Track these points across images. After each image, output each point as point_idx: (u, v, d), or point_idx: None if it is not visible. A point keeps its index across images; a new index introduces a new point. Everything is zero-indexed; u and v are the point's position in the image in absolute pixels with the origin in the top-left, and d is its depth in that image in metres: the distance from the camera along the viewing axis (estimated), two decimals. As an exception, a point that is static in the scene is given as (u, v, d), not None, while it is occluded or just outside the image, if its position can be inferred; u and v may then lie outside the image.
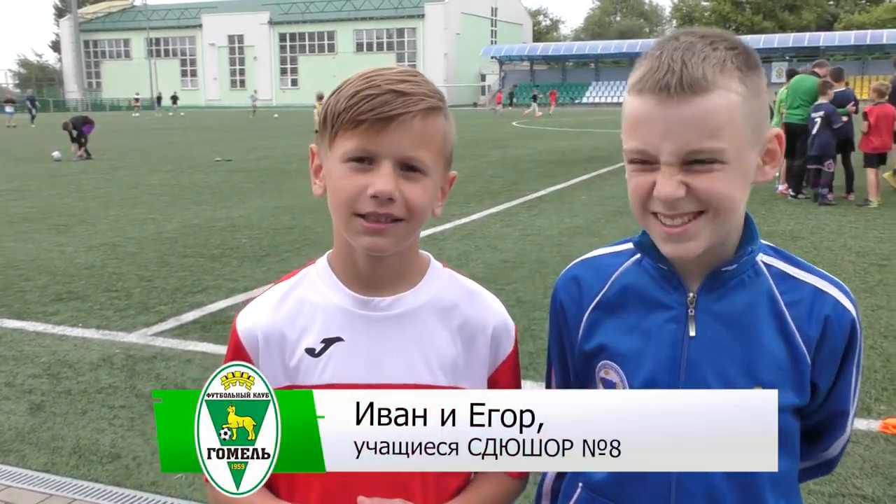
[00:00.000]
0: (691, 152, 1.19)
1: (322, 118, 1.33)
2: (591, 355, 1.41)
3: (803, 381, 1.32)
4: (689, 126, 1.18)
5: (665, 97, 1.19)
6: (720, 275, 1.31)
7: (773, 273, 1.34)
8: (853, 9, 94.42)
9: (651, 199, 1.24)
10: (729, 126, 1.19)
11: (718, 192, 1.21)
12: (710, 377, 1.30)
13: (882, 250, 8.52)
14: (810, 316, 1.31)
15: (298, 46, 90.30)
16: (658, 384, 1.32)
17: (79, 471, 3.85)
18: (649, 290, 1.37)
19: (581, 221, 10.63)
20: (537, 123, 39.13)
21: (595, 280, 1.43)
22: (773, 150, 1.30)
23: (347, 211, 1.29)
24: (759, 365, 1.30)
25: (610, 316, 1.40)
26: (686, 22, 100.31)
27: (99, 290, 7.21)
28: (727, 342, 1.31)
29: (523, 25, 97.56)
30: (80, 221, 11.09)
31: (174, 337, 5.88)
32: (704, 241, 1.25)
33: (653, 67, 1.21)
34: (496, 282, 7.20)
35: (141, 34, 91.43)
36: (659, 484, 1.32)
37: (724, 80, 1.20)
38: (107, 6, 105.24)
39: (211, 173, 17.35)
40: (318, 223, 10.46)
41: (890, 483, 3.62)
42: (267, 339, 1.37)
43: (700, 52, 1.20)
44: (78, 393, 4.81)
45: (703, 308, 1.32)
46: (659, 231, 1.26)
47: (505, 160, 19.50)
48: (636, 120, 1.23)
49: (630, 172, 1.28)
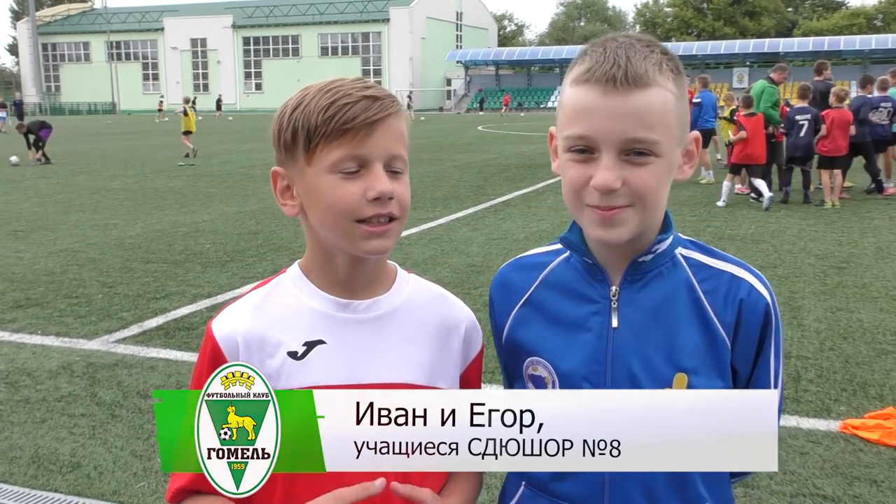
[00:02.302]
0: (630, 140, 1.26)
1: (289, 135, 1.32)
2: (518, 352, 1.46)
3: (724, 366, 1.37)
4: (630, 116, 1.25)
5: (611, 88, 1.26)
6: (638, 266, 1.37)
7: (690, 263, 1.40)
8: (811, 15, 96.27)
9: (586, 190, 1.30)
10: (664, 121, 1.28)
11: (650, 187, 1.28)
12: (635, 365, 1.35)
13: (841, 253, 8.68)
14: (726, 301, 1.37)
15: (263, 50, 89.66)
16: (584, 374, 1.37)
17: (37, 481, 3.77)
18: (575, 285, 1.42)
19: (547, 225, 10.68)
20: (503, 128, 39.28)
21: (523, 280, 1.48)
22: (691, 151, 1.38)
23: (348, 219, 1.30)
24: (681, 352, 1.35)
25: (536, 312, 1.45)
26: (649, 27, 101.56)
27: (59, 297, 7.09)
28: (649, 331, 1.36)
29: (488, 30, 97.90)
30: (40, 227, 10.89)
31: (136, 344, 5.80)
32: (630, 229, 1.31)
33: (599, 61, 1.28)
34: (463, 286, 7.21)
35: (101, 37, 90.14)
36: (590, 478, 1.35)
37: (662, 78, 1.28)
38: (65, 9, 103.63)
39: (174, 178, 17.15)
40: (284, 228, 10.39)
41: (850, 483, 3.68)
42: (247, 345, 1.36)
43: (640, 51, 1.29)
44: (37, 401, 4.72)
45: (625, 300, 1.38)
46: (590, 216, 1.31)
47: (471, 164, 19.55)
48: (579, 109, 1.29)
49: (566, 162, 1.33)
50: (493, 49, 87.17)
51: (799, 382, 4.88)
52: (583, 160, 1.30)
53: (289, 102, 1.35)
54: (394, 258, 1.48)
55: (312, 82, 1.36)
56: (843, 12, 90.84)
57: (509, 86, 79.83)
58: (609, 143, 1.26)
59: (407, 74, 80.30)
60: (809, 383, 4.87)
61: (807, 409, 4.51)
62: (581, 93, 1.29)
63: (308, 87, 1.34)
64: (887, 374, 5.04)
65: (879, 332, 5.85)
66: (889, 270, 7.83)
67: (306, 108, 1.30)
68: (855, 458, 3.94)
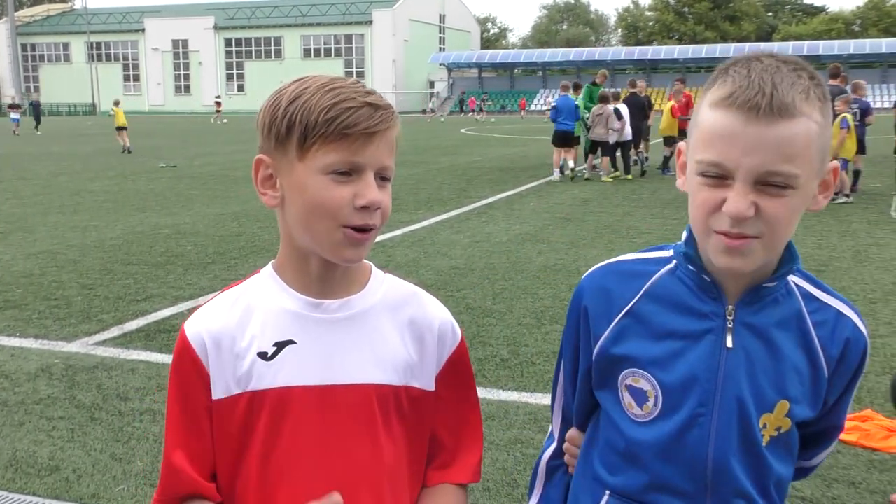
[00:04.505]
0: (768, 173, 1.21)
1: (282, 128, 1.29)
2: (617, 361, 1.42)
3: (820, 397, 1.38)
4: (770, 147, 1.20)
5: (753, 116, 1.20)
6: (760, 290, 1.35)
7: (802, 294, 1.39)
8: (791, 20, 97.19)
9: (716, 215, 1.25)
10: (805, 153, 1.22)
11: (783, 218, 1.24)
12: (744, 388, 1.34)
13: (820, 256, 8.75)
14: (833, 336, 1.37)
15: (245, 52, 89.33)
16: (692, 391, 1.35)
17: (15, 484, 3.73)
18: (685, 298, 1.38)
19: (530, 228, 10.70)
20: (485, 130, 39.35)
21: (626, 290, 1.43)
22: (828, 182, 1.33)
23: (333, 223, 1.28)
24: (787, 380, 1.35)
25: (640, 324, 1.41)
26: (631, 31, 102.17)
27: (38, 299, 7.02)
28: (761, 356, 1.35)
29: (471, 33, 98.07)
30: (18, 228, 10.79)
31: (117, 346, 5.75)
32: (756, 260, 1.28)
33: (742, 86, 1.22)
34: (446, 288, 7.21)
35: (81, 38, 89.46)
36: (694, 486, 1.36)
37: (808, 108, 1.22)
38: (45, 9, 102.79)
39: (155, 179, 17.05)
40: (266, 230, 10.35)
41: (828, 485, 3.71)
42: (218, 344, 1.35)
43: (787, 77, 1.22)
44: (15, 404, 4.67)
45: (740, 321, 1.35)
46: (717, 243, 1.27)
47: (454, 167, 19.56)
48: (717, 133, 1.24)
49: (698, 185, 1.28)
50: (476, 52, 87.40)
51: (779, 384, 4.91)
52: (715, 184, 1.25)
53: (284, 93, 1.31)
54: (376, 260, 1.48)
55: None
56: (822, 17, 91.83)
57: (492, 88, 79.98)
58: (746, 173, 1.22)
59: (390, 76, 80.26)
60: (789, 385, 4.91)
61: (786, 410, 4.54)
62: (720, 117, 1.24)
63: (306, 80, 1.31)
64: (865, 376, 5.03)
65: (858, 335, 5.91)
66: (867, 274, 7.91)
67: (306, 103, 1.27)
68: (833, 459, 3.97)
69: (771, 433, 1.36)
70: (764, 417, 1.35)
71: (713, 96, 1.27)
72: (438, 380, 1.45)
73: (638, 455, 1.39)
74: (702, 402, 1.34)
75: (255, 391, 1.34)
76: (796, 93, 1.21)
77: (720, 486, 1.35)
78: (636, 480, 1.40)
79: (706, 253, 1.32)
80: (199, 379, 1.34)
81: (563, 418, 1.59)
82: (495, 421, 4.39)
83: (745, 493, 1.36)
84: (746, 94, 1.21)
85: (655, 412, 1.37)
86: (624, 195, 14.22)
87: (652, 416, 1.38)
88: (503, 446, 4.08)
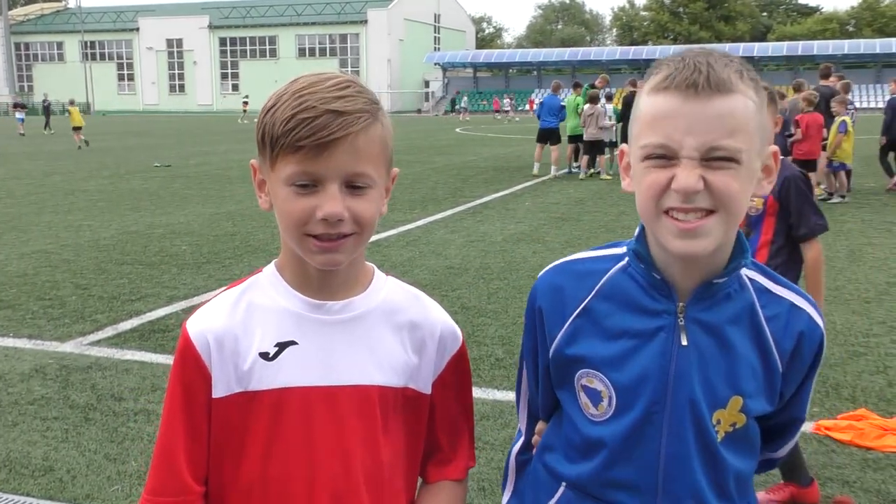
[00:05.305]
0: (712, 148, 1.23)
1: (259, 136, 1.31)
2: (572, 361, 1.43)
3: (775, 391, 1.38)
4: (712, 122, 1.23)
5: (692, 94, 1.23)
6: (711, 287, 1.35)
7: (755, 287, 1.39)
8: (785, 20, 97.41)
9: (667, 194, 1.26)
10: (745, 129, 1.25)
11: (733, 191, 1.25)
12: (696, 385, 1.34)
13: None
14: (786, 330, 1.37)
15: (239, 51, 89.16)
16: (644, 390, 1.36)
17: (9, 485, 3.72)
18: (637, 297, 1.38)
19: (525, 228, 10.71)
20: (480, 130, 39.35)
21: (579, 288, 1.43)
22: (770, 167, 1.35)
23: (298, 232, 1.29)
24: (740, 375, 1.35)
25: (593, 324, 1.41)
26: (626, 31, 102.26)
27: (31, 299, 7.00)
28: (712, 352, 1.35)
29: (466, 32, 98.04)
30: (12, 228, 10.75)
31: (111, 346, 5.74)
32: (714, 240, 1.28)
33: (678, 68, 1.26)
34: (440, 288, 7.21)
35: (75, 37, 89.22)
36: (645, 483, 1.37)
37: (743, 86, 1.26)
38: (39, 8, 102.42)
39: (150, 179, 17.01)
40: (261, 230, 10.34)
41: (822, 483, 3.72)
42: (220, 344, 1.35)
43: (720, 59, 1.27)
44: (8, 405, 4.66)
45: (691, 318, 1.35)
46: (671, 227, 1.27)
47: (449, 167, 19.56)
48: (658, 116, 1.26)
49: (645, 169, 1.29)
50: (472, 51, 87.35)
51: (773, 384, 4.92)
52: (662, 165, 1.26)
53: (269, 100, 1.32)
54: (371, 260, 1.47)
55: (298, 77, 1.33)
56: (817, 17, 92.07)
57: (487, 88, 79.98)
58: (690, 149, 1.24)
59: (385, 76, 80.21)
60: (783, 384, 4.92)
61: (781, 410, 4.55)
62: (660, 100, 1.27)
63: (293, 83, 1.30)
64: (859, 375, 5.10)
65: (852, 335, 5.93)
66: (861, 273, 7.93)
67: (274, 114, 1.28)
68: (828, 458, 3.98)
69: (726, 429, 1.36)
70: (717, 414, 1.35)
71: (651, 84, 1.30)
72: (438, 382, 1.46)
73: (593, 452, 1.40)
74: (654, 400, 1.35)
75: (257, 391, 1.34)
76: (731, 71, 1.26)
77: (672, 484, 1.36)
78: (591, 474, 1.41)
79: (660, 242, 1.32)
80: (201, 379, 1.34)
81: (528, 413, 1.61)
82: (490, 421, 4.39)
83: (698, 493, 1.36)
84: (683, 73, 1.25)
85: (610, 412, 1.38)
86: (619, 195, 14.22)
87: (607, 415, 1.39)
88: (498, 446, 4.08)
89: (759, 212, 3.56)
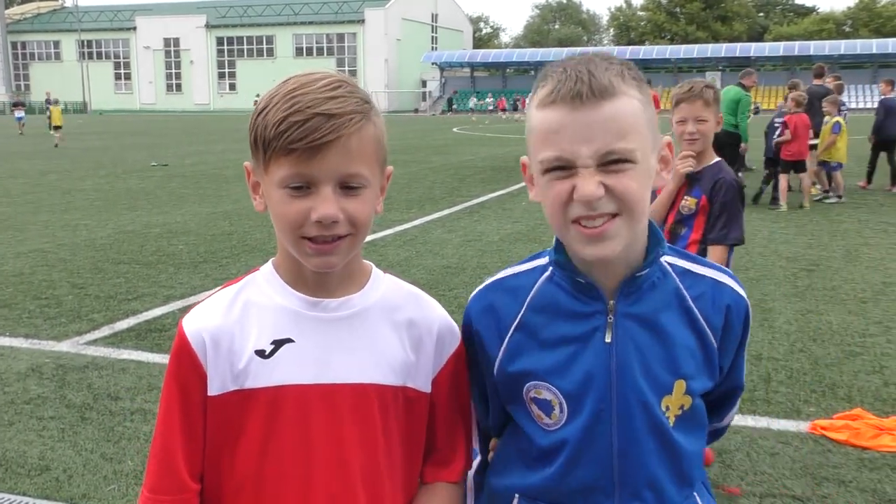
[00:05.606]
0: (607, 153, 1.27)
1: (252, 139, 1.31)
2: (517, 377, 1.44)
3: (714, 367, 1.43)
4: (602, 128, 1.26)
5: (578, 104, 1.27)
6: (635, 280, 1.38)
7: (676, 271, 1.43)
8: (782, 21, 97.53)
9: (571, 204, 1.29)
10: (635, 128, 1.29)
11: (633, 191, 1.28)
12: (639, 377, 1.37)
13: (811, 256, 8.79)
14: (713, 307, 1.42)
15: (237, 50, 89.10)
16: (590, 391, 1.37)
17: (5, 484, 3.72)
18: (566, 303, 1.41)
19: (522, 227, 10.71)
20: (478, 130, 39.36)
21: (511, 304, 1.45)
22: (666, 157, 1.39)
23: (293, 234, 1.29)
24: (680, 359, 1.39)
25: (531, 337, 1.43)
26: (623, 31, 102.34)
27: (28, 298, 6.99)
28: (649, 342, 1.38)
29: (464, 32, 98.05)
30: (8, 227, 10.73)
31: (107, 345, 5.73)
32: (622, 241, 1.31)
33: (560, 80, 1.29)
34: (437, 287, 7.21)
35: (72, 36, 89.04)
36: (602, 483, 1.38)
37: (626, 87, 1.29)
38: (35, 7, 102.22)
39: (147, 178, 16.99)
40: (258, 229, 10.33)
41: (818, 483, 3.73)
42: (216, 342, 1.35)
43: (600, 64, 1.30)
44: (4, 404, 4.65)
45: (621, 313, 1.38)
46: (579, 235, 1.31)
47: (446, 166, 19.56)
48: (550, 130, 1.30)
49: (546, 183, 1.32)
50: (469, 51, 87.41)
51: (769, 384, 4.93)
52: (563, 177, 1.29)
53: (261, 102, 1.32)
54: (368, 259, 1.47)
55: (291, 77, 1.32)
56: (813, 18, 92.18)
57: (484, 88, 79.98)
58: (586, 158, 1.26)
59: (382, 75, 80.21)
60: (780, 384, 4.93)
61: (777, 410, 4.56)
62: (548, 114, 1.30)
63: (284, 84, 1.30)
64: (855, 375, 5.11)
65: (848, 335, 5.93)
66: (857, 273, 7.94)
67: (266, 117, 1.28)
68: (824, 458, 3.99)
69: (675, 413, 1.39)
70: (665, 400, 1.38)
71: (537, 99, 1.33)
72: (437, 381, 1.45)
73: (550, 460, 1.41)
74: (600, 398, 1.37)
75: (252, 388, 1.34)
76: (612, 75, 1.29)
77: (628, 478, 1.38)
78: (548, 483, 1.42)
79: (571, 249, 1.36)
80: (197, 377, 1.34)
81: (480, 432, 1.61)
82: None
83: (655, 482, 1.38)
84: (567, 85, 1.27)
85: (563, 419, 1.40)
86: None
87: (561, 422, 1.40)
88: (495, 445, 4.08)
89: (692, 210, 3.59)
